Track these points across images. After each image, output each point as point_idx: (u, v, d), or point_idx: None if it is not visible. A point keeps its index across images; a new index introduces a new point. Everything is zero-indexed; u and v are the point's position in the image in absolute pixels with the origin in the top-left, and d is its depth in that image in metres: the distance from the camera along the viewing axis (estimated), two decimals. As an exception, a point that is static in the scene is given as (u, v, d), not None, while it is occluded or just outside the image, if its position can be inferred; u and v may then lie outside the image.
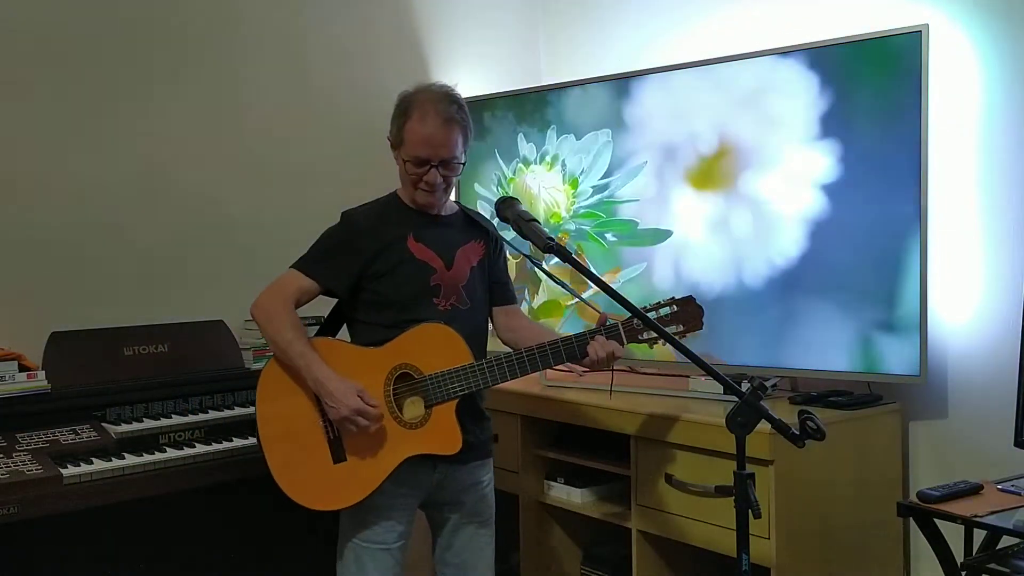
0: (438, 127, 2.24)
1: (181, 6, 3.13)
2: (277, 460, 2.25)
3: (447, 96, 2.28)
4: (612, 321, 2.29)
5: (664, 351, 2.08)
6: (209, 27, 3.19)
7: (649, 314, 2.20)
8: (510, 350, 2.32)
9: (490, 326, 2.50)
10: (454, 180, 2.35)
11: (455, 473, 2.36)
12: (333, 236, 2.37)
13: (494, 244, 2.49)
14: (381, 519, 2.30)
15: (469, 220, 2.47)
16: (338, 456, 2.25)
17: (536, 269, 2.82)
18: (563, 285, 2.38)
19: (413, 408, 2.28)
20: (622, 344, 2.24)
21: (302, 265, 2.34)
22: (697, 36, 3.34)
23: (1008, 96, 2.62)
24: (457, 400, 2.28)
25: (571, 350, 2.26)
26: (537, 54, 3.99)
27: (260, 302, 2.31)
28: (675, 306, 2.27)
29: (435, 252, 2.34)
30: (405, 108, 2.29)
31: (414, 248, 2.32)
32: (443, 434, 2.28)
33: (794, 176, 2.75)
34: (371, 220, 2.35)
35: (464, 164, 2.35)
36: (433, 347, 2.29)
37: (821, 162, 2.70)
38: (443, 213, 2.40)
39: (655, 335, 2.19)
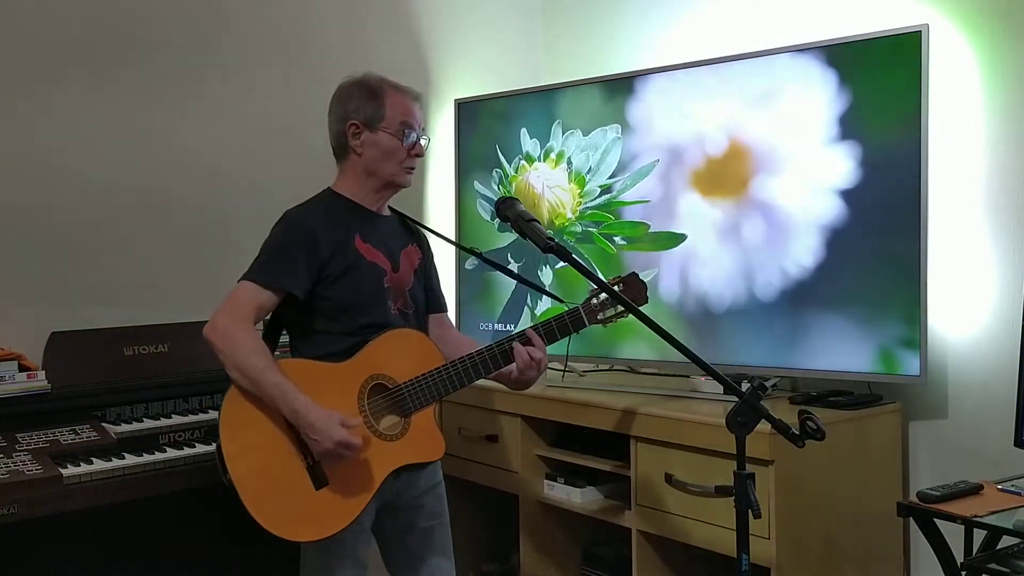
0: (413, 99, 2.35)
1: (181, 6, 3.13)
2: (253, 498, 2.09)
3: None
4: (572, 304, 2.32)
5: (667, 348, 2.07)
6: (208, 29, 3.19)
7: (601, 294, 2.28)
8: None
9: None
10: None
11: (416, 478, 2.33)
12: (285, 238, 2.23)
13: (427, 248, 2.49)
14: (349, 531, 2.18)
15: (403, 222, 2.46)
16: (320, 482, 2.12)
17: (545, 267, 2.81)
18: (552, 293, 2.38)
19: (391, 418, 2.24)
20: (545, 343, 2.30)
21: (256, 276, 2.19)
22: (695, 34, 3.35)
23: (1009, 97, 2.62)
24: (435, 405, 2.26)
25: (505, 353, 2.27)
26: (538, 54, 3.99)
27: (218, 324, 2.14)
28: (621, 284, 2.34)
29: (382, 253, 2.31)
30: (374, 88, 2.32)
31: (363, 249, 2.27)
32: (426, 440, 2.26)
33: (794, 177, 2.75)
34: (318, 219, 2.25)
35: None
36: (403, 353, 2.26)
37: (816, 163, 2.70)
38: (382, 212, 2.38)
39: (613, 315, 2.29)
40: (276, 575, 2.86)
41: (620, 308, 2.28)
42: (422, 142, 2.34)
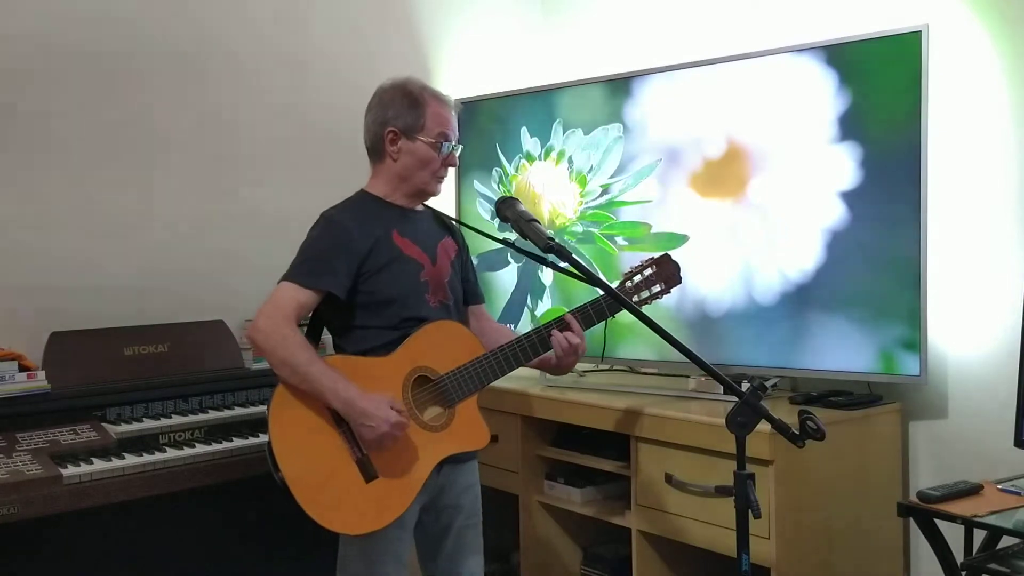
0: (451, 109, 2.38)
1: (183, 8, 3.13)
2: (307, 495, 2.12)
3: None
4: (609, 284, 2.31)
5: (667, 348, 2.07)
6: (209, 28, 3.18)
7: (635, 276, 2.36)
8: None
9: None
10: None
11: (456, 475, 2.35)
12: (324, 239, 2.27)
13: (462, 241, 2.51)
14: (393, 527, 2.21)
15: (437, 217, 2.49)
16: (369, 475, 2.15)
17: (545, 267, 2.80)
18: (579, 275, 2.28)
19: (435, 409, 2.26)
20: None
21: (296, 277, 2.21)
22: (695, 34, 3.34)
23: (1010, 97, 2.62)
24: (477, 394, 2.29)
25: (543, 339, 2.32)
26: (538, 54, 3.98)
27: (261, 326, 2.15)
28: (654, 267, 2.37)
29: (419, 247, 2.33)
30: (416, 96, 2.33)
31: (400, 243, 2.30)
32: (471, 429, 2.29)
33: (795, 178, 2.75)
34: (355, 218, 2.29)
35: None
36: (444, 344, 2.29)
37: (817, 163, 2.70)
38: (416, 209, 2.41)
39: (648, 296, 2.36)
40: (277, 575, 2.87)
41: (655, 290, 2.36)
42: (456, 153, 2.38)
